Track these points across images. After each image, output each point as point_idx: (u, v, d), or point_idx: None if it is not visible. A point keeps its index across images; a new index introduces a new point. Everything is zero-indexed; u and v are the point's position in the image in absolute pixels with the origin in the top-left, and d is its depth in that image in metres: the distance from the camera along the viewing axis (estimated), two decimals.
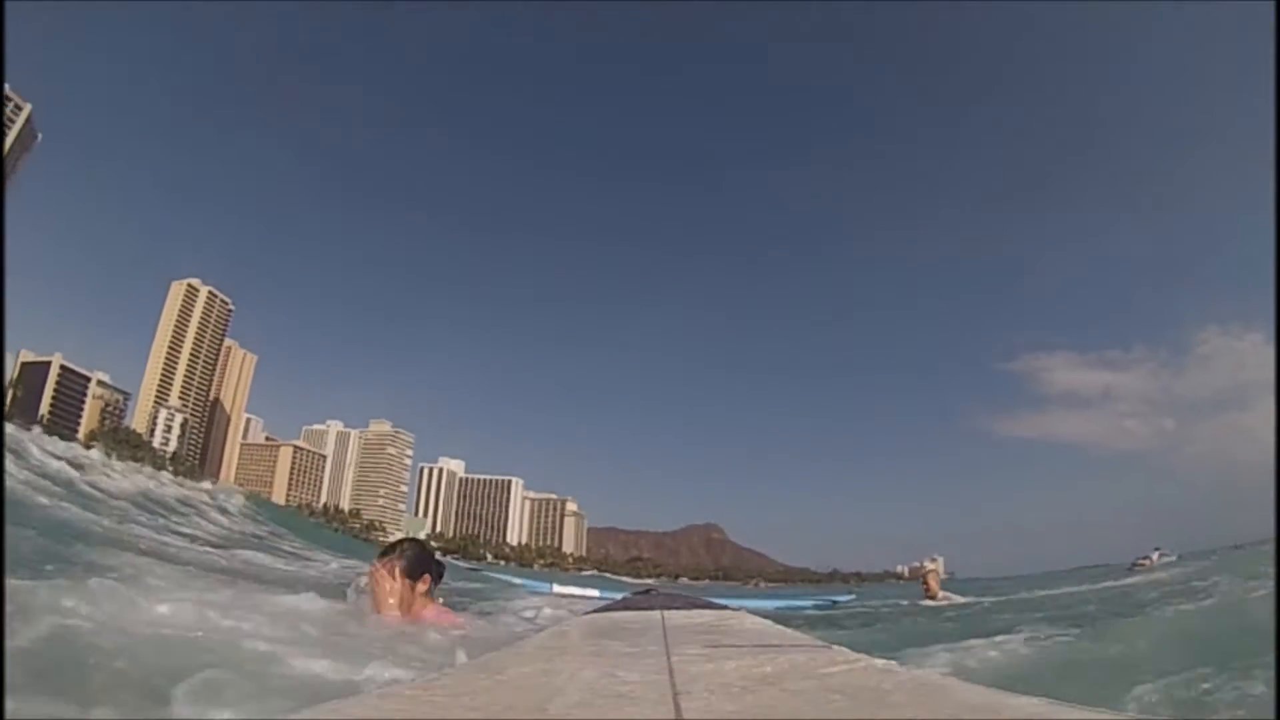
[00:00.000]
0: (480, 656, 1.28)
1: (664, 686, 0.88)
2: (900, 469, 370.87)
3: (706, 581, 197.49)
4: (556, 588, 13.10)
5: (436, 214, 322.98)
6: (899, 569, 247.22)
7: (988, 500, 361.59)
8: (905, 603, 9.64)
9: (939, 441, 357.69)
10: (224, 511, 18.54)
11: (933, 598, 9.07)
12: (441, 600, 2.99)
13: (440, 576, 2.93)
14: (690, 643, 1.37)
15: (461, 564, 17.34)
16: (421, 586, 2.76)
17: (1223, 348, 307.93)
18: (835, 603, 12.01)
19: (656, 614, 2.19)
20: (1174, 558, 27.84)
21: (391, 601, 2.65)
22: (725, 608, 2.64)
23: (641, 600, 3.07)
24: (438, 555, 2.99)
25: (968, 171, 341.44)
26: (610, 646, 1.38)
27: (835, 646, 1.25)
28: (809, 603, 12.19)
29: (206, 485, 25.95)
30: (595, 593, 12.64)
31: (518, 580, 15.21)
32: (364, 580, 2.83)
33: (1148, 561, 26.98)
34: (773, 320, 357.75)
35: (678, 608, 2.53)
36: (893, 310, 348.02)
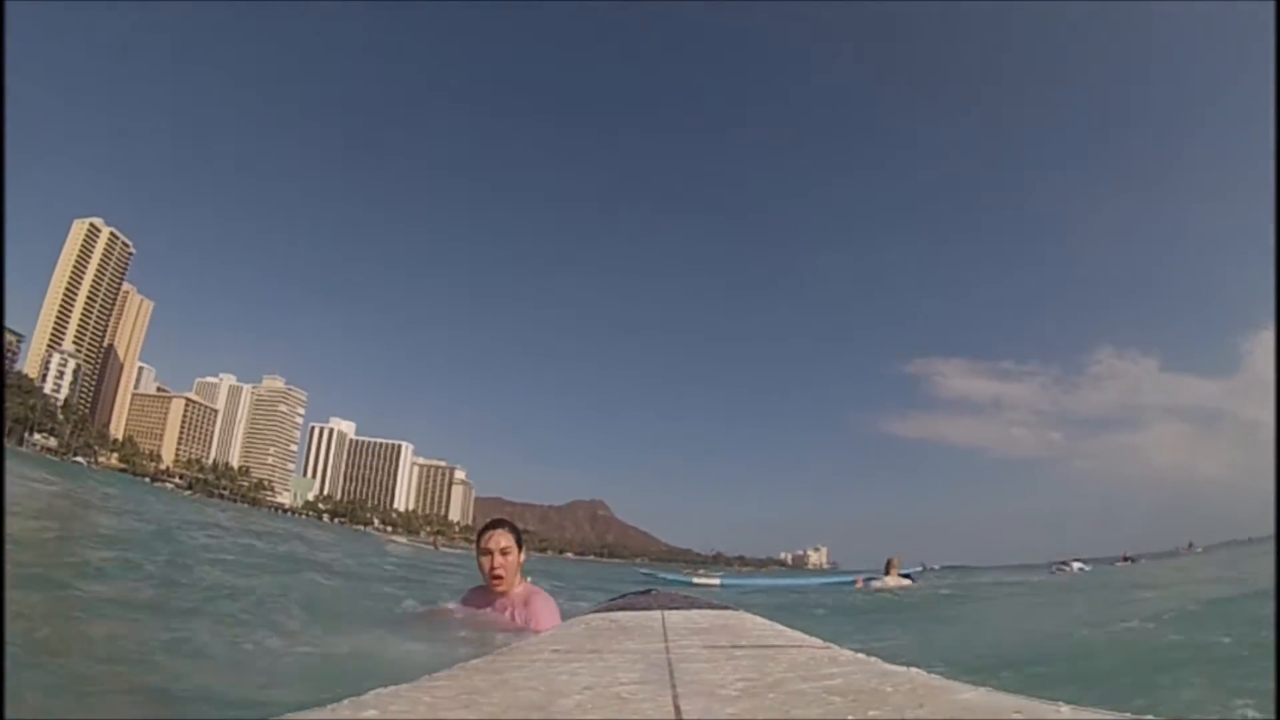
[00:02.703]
0: (480, 656, 1.28)
1: (664, 687, 0.88)
2: (786, 461, 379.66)
3: (591, 558, 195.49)
4: (695, 580, 15.79)
5: (342, 165, 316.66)
6: (782, 555, 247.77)
7: (872, 495, 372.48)
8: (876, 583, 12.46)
9: (828, 437, 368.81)
10: None
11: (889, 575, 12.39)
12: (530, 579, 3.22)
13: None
14: (690, 643, 1.37)
15: (667, 575, 18.60)
16: (522, 557, 3.06)
17: (1116, 369, 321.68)
18: (910, 576, 13.48)
19: (656, 614, 2.19)
20: (1089, 568, 29.56)
21: (511, 574, 2.97)
22: (726, 608, 2.64)
23: (641, 600, 3.07)
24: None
25: (876, 186, 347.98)
26: (610, 646, 1.38)
27: (835, 646, 1.25)
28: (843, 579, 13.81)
29: None
30: (718, 581, 16.00)
31: (668, 575, 16.85)
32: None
33: (1067, 568, 28.85)
34: (672, 311, 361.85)
35: (678, 608, 2.53)
36: (791, 306, 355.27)
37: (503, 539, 3.00)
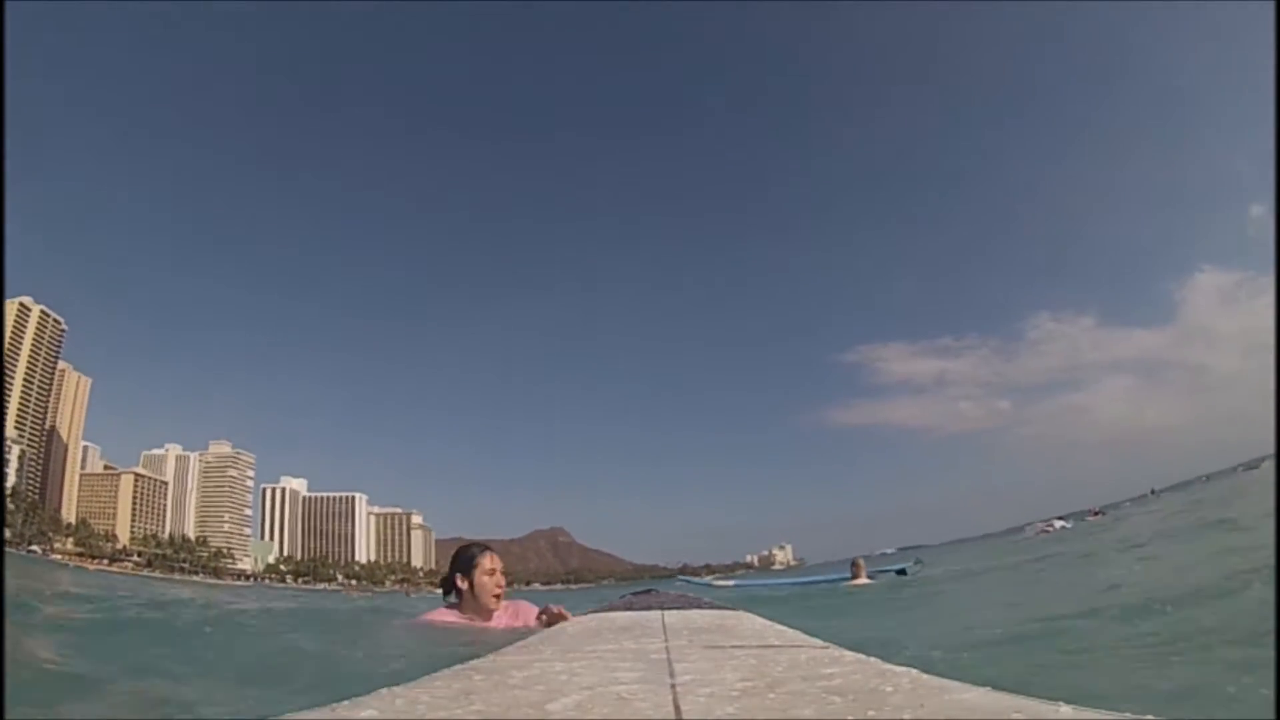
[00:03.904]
0: (480, 656, 1.28)
1: (664, 686, 0.88)
2: (741, 465, 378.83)
3: (558, 586, 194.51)
4: (715, 583, 18.41)
5: (266, 217, 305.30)
6: (748, 558, 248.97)
7: (829, 488, 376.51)
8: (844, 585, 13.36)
9: (777, 435, 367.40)
10: None
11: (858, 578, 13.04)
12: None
13: None
14: (690, 643, 1.37)
15: (696, 581, 20.58)
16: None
17: (1055, 332, 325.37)
18: (904, 571, 14.09)
19: (656, 614, 2.19)
20: (1070, 524, 30.57)
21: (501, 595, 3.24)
22: (725, 608, 2.64)
23: (641, 600, 3.08)
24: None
25: (794, 170, 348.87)
26: (610, 647, 1.38)
27: (835, 646, 1.25)
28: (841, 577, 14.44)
29: None
30: (732, 582, 18.54)
31: (696, 581, 19.50)
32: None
33: (1051, 527, 29.56)
34: (605, 325, 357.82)
35: (678, 608, 2.53)
36: (722, 308, 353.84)
37: (498, 561, 3.32)
